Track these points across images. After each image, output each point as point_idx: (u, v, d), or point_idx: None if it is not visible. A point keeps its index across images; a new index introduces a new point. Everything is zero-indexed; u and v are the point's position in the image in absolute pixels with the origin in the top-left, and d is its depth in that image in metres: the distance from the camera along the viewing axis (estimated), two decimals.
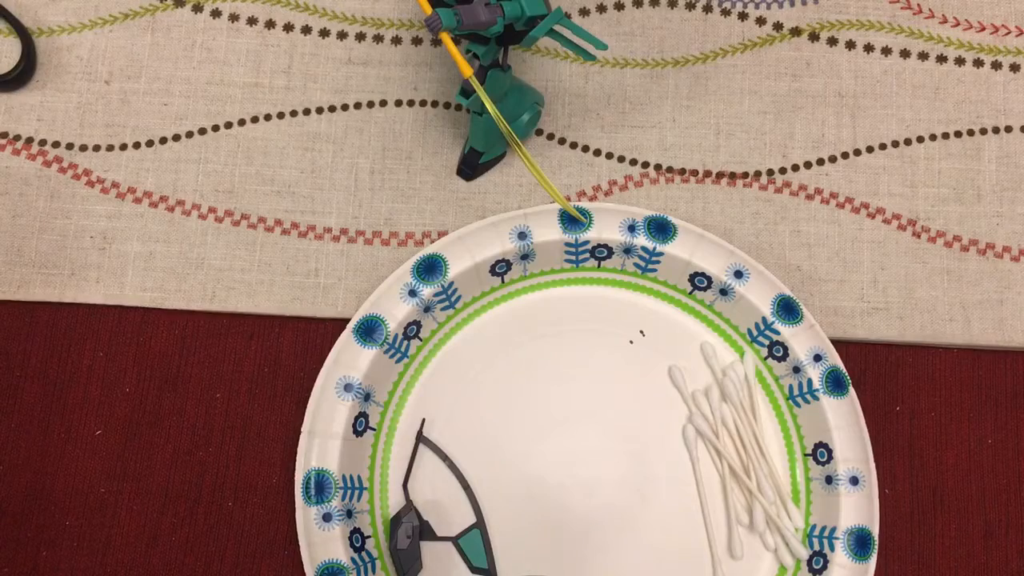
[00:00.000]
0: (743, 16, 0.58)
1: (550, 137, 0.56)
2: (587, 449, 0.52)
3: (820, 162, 0.56)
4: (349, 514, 0.49)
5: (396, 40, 0.57)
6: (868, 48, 0.58)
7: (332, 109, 0.56)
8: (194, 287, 0.54)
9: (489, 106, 0.45)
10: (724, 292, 0.52)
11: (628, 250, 0.53)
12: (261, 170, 0.55)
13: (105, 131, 0.56)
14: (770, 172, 0.56)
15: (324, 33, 0.57)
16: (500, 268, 0.53)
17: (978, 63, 0.58)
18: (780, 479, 0.51)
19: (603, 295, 0.54)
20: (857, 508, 0.50)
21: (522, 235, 0.52)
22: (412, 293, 0.51)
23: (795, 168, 0.56)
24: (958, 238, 0.55)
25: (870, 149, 0.56)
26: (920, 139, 0.57)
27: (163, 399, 0.52)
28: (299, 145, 0.56)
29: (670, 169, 0.56)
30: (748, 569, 0.51)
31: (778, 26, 0.58)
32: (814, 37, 0.58)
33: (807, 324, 0.51)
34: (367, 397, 0.51)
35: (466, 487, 0.51)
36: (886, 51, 0.58)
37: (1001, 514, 0.52)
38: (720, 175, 0.56)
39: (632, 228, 0.53)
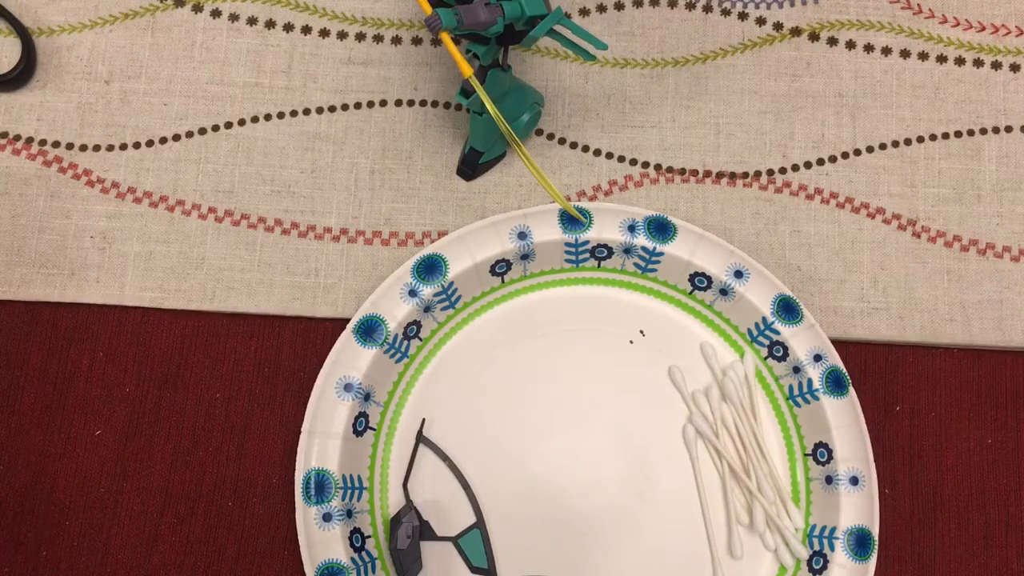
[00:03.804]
0: (743, 16, 0.58)
1: (550, 137, 0.56)
2: (587, 449, 0.52)
3: (820, 162, 0.56)
4: (349, 514, 0.49)
5: (396, 40, 0.57)
6: (868, 48, 0.58)
7: (332, 109, 0.56)
8: (194, 287, 0.54)
9: (489, 106, 0.45)
10: (724, 292, 0.52)
11: (628, 250, 0.53)
12: (261, 170, 0.55)
13: (105, 131, 0.56)
14: (770, 172, 0.56)
15: (324, 33, 0.57)
16: (500, 268, 0.53)
17: (978, 63, 0.58)
18: (780, 479, 0.51)
19: (603, 295, 0.54)
20: (857, 508, 0.50)
21: (522, 235, 0.52)
22: (412, 293, 0.51)
23: (795, 168, 0.56)
24: (958, 238, 0.55)
25: (870, 149, 0.56)
26: (920, 139, 0.57)
27: (163, 399, 0.52)
28: (299, 145, 0.56)
29: (670, 169, 0.56)
30: (748, 569, 0.51)
31: (778, 26, 0.58)
32: (814, 37, 0.58)
33: (807, 324, 0.51)
34: (367, 397, 0.51)
35: (466, 487, 0.51)
36: (886, 51, 0.58)
37: (1001, 514, 0.52)
38: (720, 175, 0.56)
39: (632, 228, 0.53)
